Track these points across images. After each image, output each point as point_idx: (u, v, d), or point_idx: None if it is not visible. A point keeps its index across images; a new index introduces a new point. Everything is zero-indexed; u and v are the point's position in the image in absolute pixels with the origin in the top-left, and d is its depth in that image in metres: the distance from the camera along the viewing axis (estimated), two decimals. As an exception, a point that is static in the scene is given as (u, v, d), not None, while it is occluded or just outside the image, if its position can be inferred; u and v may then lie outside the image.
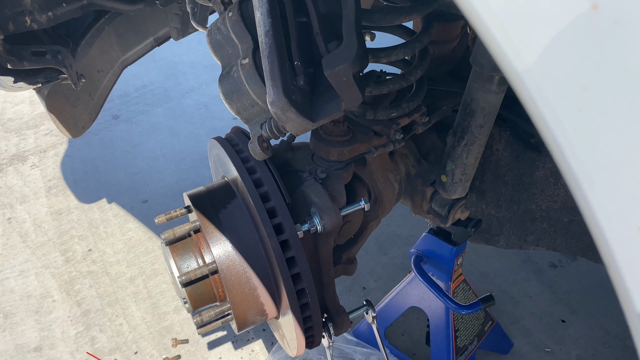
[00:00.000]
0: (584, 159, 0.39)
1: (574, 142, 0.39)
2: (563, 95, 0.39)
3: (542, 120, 0.40)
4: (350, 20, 1.05)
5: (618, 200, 0.39)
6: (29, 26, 1.71)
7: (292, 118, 1.07)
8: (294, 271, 1.30)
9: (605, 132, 0.39)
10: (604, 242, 0.39)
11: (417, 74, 1.45)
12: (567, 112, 0.39)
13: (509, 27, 0.39)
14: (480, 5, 0.40)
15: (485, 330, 2.11)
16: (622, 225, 0.38)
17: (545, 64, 0.39)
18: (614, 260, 0.39)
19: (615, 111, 0.38)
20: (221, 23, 1.22)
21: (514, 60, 0.40)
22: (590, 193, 0.39)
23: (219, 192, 1.45)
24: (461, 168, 1.53)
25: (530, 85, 0.40)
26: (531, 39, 0.40)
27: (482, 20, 0.41)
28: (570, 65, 0.39)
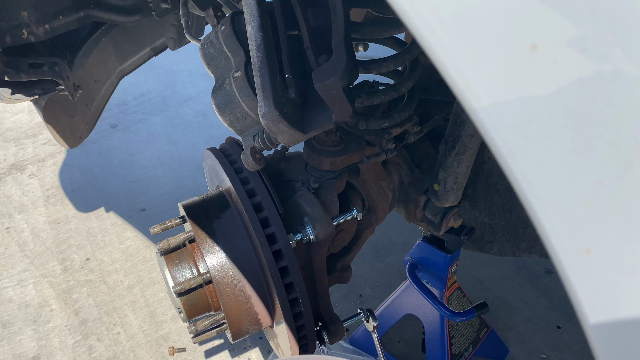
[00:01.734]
0: (534, 184, 0.41)
1: (524, 168, 0.41)
2: (511, 126, 0.41)
3: (495, 148, 0.42)
4: (340, 35, 1.07)
5: (568, 223, 0.40)
6: (26, 39, 1.73)
7: (284, 130, 1.09)
8: (287, 281, 1.31)
9: (551, 159, 0.41)
10: (558, 262, 0.41)
11: (408, 84, 1.47)
12: (516, 142, 0.41)
13: (461, 64, 0.41)
14: (435, 42, 0.42)
15: (481, 337, 2.12)
16: (572, 247, 0.40)
17: (494, 98, 0.41)
18: (567, 277, 0.41)
19: (559, 141, 0.40)
20: (214, 36, 1.24)
21: (466, 93, 0.42)
22: (543, 216, 0.41)
23: (213, 202, 1.47)
24: (453, 177, 1.55)
25: (481, 114, 0.41)
26: (481, 75, 0.42)
27: (439, 58, 0.43)
28: (516, 100, 0.40)
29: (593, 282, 0.40)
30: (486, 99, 0.41)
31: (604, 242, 0.39)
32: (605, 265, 0.39)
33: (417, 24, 0.42)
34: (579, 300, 0.41)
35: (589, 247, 0.40)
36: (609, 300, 0.40)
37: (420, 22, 0.41)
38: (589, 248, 0.40)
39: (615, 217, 0.39)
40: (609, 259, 0.39)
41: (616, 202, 0.38)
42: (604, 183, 0.38)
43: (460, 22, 0.41)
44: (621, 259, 0.39)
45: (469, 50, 0.40)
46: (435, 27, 0.41)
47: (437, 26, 0.41)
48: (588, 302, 0.40)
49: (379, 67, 1.38)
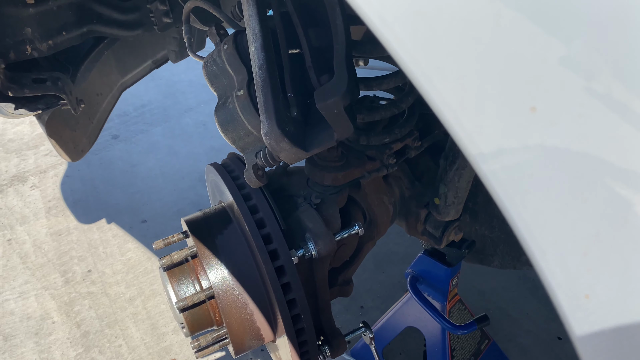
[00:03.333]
0: (535, 233, 0.42)
1: (526, 218, 0.42)
2: (513, 179, 0.42)
3: (498, 198, 0.43)
4: (341, 55, 1.09)
5: (567, 270, 0.42)
6: (29, 54, 1.75)
7: (286, 148, 1.10)
8: (289, 297, 1.32)
9: (551, 212, 0.42)
10: (559, 305, 0.42)
11: (409, 100, 1.48)
12: (517, 194, 0.43)
13: (463, 118, 0.43)
14: (441, 101, 0.43)
15: (482, 349, 2.13)
16: (571, 292, 0.41)
17: (496, 152, 0.42)
18: (567, 320, 0.42)
19: (557, 195, 0.41)
20: (217, 55, 1.26)
21: (469, 147, 0.43)
22: (543, 263, 0.42)
23: (216, 217, 1.47)
24: (453, 191, 1.56)
25: (484, 167, 0.43)
26: (482, 129, 0.43)
27: (444, 117, 0.45)
28: (517, 155, 0.42)
29: (591, 324, 0.41)
30: (489, 156, 0.42)
31: (601, 288, 0.41)
32: (602, 309, 0.41)
33: (422, 82, 0.44)
34: (578, 342, 0.42)
35: (587, 292, 0.41)
36: (605, 342, 0.41)
37: (426, 80, 0.43)
38: (587, 294, 0.41)
39: (612, 266, 0.40)
40: (606, 304, 0.41)
41: (612, 252, 0.40)
42: (600, 235, 0.40)
43: (463, 83, 0.42)
44: (618, 304, 0.40)
45: (472, 110, 0.42)
46: (439, 85, 0.42)
47: (441, 85, 0.42)
48: (586, 344, 0.42)
49: (380, 84, 1.40)
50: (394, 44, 0.45)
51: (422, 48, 0.44)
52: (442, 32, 0.43)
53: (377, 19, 0.46)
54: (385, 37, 0.46)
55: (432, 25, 0.43)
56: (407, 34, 0.45)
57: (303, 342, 1.40)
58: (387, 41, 0.46)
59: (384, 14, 0.45)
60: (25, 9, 1.62)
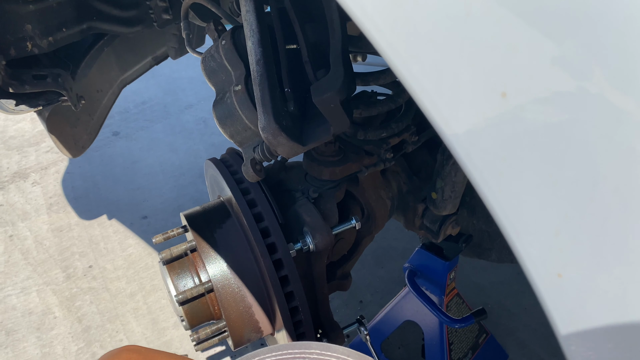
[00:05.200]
0: (510, 214, 0.44)
1: (500, 199, 0.44)
2: (487, 162, 0.44)
3: (474, 180, 0.45)
4: (337, 50, 1.10)
5: (540, 249, 0.43)
6: (30, 51, 1.76)
7: (283, 143, 1.12)
8: (287, 289, 1.34)
9: (523, 193, 0.44)
10: (534, 284, 0.44)
11: (406, 95, 1.50)
12: (492, 176, 0.44)
13: (440, 104, 0.44)
14: (418, 87, 0.45)
15: (480, 342, 2.14)
16: (545, 271, 0.43)
17: (471, 136, 0.44)
18: (542, 298, 0.44)
19: (529, 177, 0.43)
20: (215, 51, 1.27)
21: (445, 129, 0.45)
22: (518, 242, 0.44)
23: (214, 212, 1.49)
24: (450, 185, 1.57)
25: (460, 151, 0.44)
26: (458, 114, 0.44)
27: (420, 100, 0.46)
28: (490, 139, 0.43)
29: (564, 302, 0.43)
30: (465, 139, 0.44)
31: (573, 267, 0.42)
32: (575, 287, 0.42)
33: (402, 71, 0.46)
34: (552, 317, 0.44)
35: (560, 271, 0.43)
36: (578, 317, 0.43)
37: (405, 69, 0.44)
38: (560, 273, 0.43)
39: (582, 246, 0.42)
40: (578, 282, 0.42)
41: (582, 232, 0.41)
42: (569, 216, 0.41)
43: (439, 74, 0.44)
44: (588, 282, 0.42)
45: (448, 97, 0.43)
46: (416, 72, 0.44)
47: (421, 75, 0.44)
48: (560, 319, 0.43)
49: (377, 79, 1.41)
50: (376, 34, 0.47)
51: (400, 37, 0.46)
52: (419, 22, 0.44)
53: (359, 10, 0.48)
54: (367, 28, 0.48)
55: (410, 17, 0.44)
56: (386, 25, 0.46)
57: (301, 334, 1.42)
58: (369, 32, 0.48)
59: (365, 5, 0.47)
60: (25, 6, 1.63)
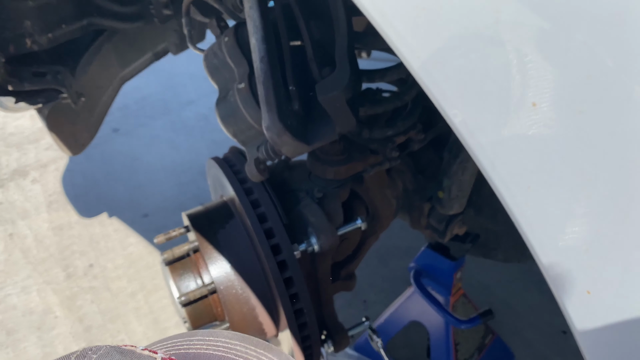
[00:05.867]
0: (536, 228, 0.41)
1: (527, 213, 0.41)
2: (514, 174, 0.41)
3: (499, 192, 0.42)
4: (343, 47, 1.07)
5: (569, 266, 0.40)
6: (29, 48, 1.73)
7: (287, 142, 1.09)
8: (292, 291, 1.31)
9: (552, 206, 0.41)
10: (561, 300, 0.41)
11: (412, 92, 1.46)
12: (519, 189, 0.42)
13: (465, 113, 0.41)
14: (448, 106, 0.42)
15: (486, 343, 2.12)
16: (573, 288, 0.40)
17: (497, 146, 0.41)
18: (569, 314, 0.41)
19: (559, 190, 0.41)
20: (217, 47, 1.24)
21: (469, 139, 0.42)
22: (544, 257, 0.41)
23: (217, 212, 1.46)
24: (457, 184, 1.54)
25: (484, 161, 0.42)
26: (484, 124, 0.42)
27: (442, 107, 0.44)
28: (518, 150, 0.41)
29: (592, 320, 0.40)
30: (490, 149, 0.41)
31: (603, 284, 0.40)
32: (604, 305, 0.40)
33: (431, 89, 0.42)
34: (579, 337, 0.41)
35: (589, 288, 0.40)
36: (606, 337, 0.41)
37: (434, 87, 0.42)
38: (589, 289, 0.40)
39: (614, 263, 0.39)
40: (608, 300, 0.40)
41: (614, 249, 0.39)
42: (601, 232, 0.39)
43: (465, 81, 0.41)
44: (619, 300, 0.40)
45: (474, 106, 0.41)
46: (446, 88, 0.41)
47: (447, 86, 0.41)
48: (587, 339, 0.41)
49: (383, 76, 1.38)
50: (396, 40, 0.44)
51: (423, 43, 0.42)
52: (443, 30, 0.42)
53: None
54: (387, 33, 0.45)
55: (436, 25, 0.42)
56: (407, 30, 0.44)
57: (306, 336, 1.39)
58: (387, 36, 0.46)
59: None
60: (24, 2, 1.60)
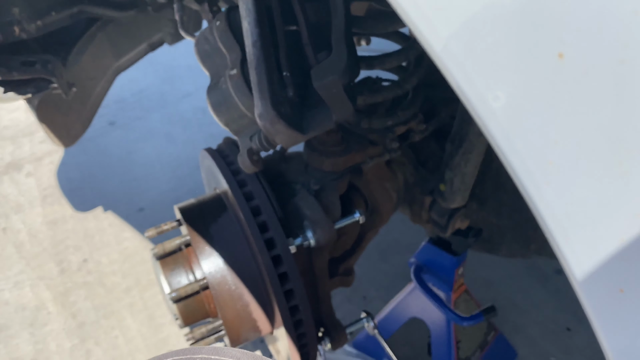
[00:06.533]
0: (560, 214, 0.34)
1: (547, 196, 0.34)
2: (533, 147, 0.34)
3: (515, 171, 0.36)
4: (340, 30, 1.01)
5: (599, 261, 0.34)
6: (17, 36, 1.68)
7: (281, 131, 1.03)
8: (287, 287, 1.26)
9: (579, 187, 0.34)
10: (586, 302, 0.35)
11: (413, 81, 1.41)
12: (538, 166, 0.35)
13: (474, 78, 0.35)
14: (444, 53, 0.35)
15: (489, 340, 2.06)
16: (603, 285, 0.34)
17: (513, 112, 0.34)
18: (595, 316, 0.35)
19: (589, 166, 0.33)
20: (209, 32, 1.18)
21: (479, 105, 0.35)
22: (569, 252, 0.34)
23: (210, 205, 1.41)
24: (460, 177, 1.48)
25: (496, 132, 0.35)
26: (496, 85, 0.35)
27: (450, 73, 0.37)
28: (539, 116, 0.34)
29: (625, 323, 0.34)
30: (504, 117, 0.34)
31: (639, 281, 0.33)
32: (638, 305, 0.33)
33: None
34: (609, 342, 0.35)
35: (622, 287, 0.33)
36: None
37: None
38: (622, 288, 0.33)
39: None
40: None
41: None
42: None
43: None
44: None
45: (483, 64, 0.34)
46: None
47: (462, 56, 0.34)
48: (618, 344, 0.35)
49: (382, 63, 1.32)
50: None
51: None
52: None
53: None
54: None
55: None
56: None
57: (301, 334, 1.34)
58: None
59: None
60: (11, -13, 1.55)
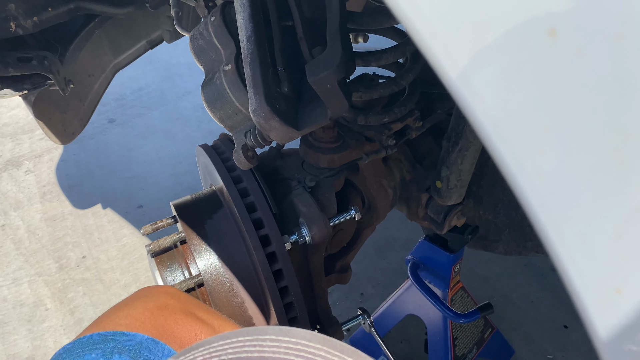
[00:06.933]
0: (549, 205, 0.33)
1: (539, 188, 0.33)
2: (523, 136, 0.33)
3: (503, 162, 0.35)
4: (335, 25, 1.00)
5: (595, 256, 0.33)
6: (14, 32, 1.67)
7: (276, 127, 1.03)
8: (282, 284, 1.25)
9: (572, 175, 0.33)
10: (579, 301, 0.35)
11: (410, 77, 1.40)
12: (526, 155, 0.34)
13: (462, 66, 0.34)
14: (422, 26, 0.35)
15: (485, 337, 2.06)
16: (599, 285, 0.33)
17: (501, 93, 0.33)
18: (590, 318, 0.34)
19: (583, 152, 0.33)
20: (204, 28, 1.18)
21: (461, 87, 0.35)
22: (561, 248, 0.34)
23: (205, 201, 1.41)
24: (456, 174, 1.48)
25: (483, 118, 0.34)
26: (480, 59, 0.34)
27: (420, 38, 0.36)
28: (531, 99, 0.33)
29: (622, 326, 0.33)
30: (492, 99, 0.33)
31: (637, 281, 0.32)
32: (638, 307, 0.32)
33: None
34: (603, 345, 0.34)
35: (620, 286, 0.32)
36: None
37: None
38: (619, 287, 0.32)
39: None
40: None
41: None
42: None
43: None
44: None
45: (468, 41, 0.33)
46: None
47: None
48: (615, 347, 0.34)
49: (378, 59, 1.31)
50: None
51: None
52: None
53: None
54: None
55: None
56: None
57: (297, 331, 1.34)
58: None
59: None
60: (7, -17, 1.54)
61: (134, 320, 0.75)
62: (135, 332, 0.72)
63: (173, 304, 0.83)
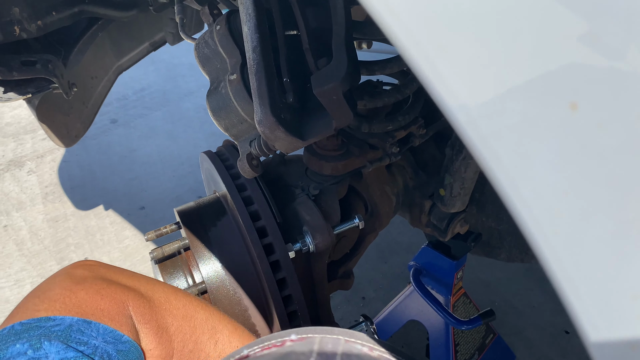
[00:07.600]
0: (569, 268, 0.34)
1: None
2: (541, 198, 0.34)
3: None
4: (340, 36, 1.01)
5: (610, 315, 0.33)
6: (18, 36, 1.67)
7: (281, 137, 1.03)
8: (285, 293, 1.26)
9: (589, 241, 0.34)
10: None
11: (414, 86, 1.40)
12: (546, 217, 0.35)
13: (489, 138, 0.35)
14: (451, 100, 0.35)
15: (487, 343, 2.06)
16: (615, 341, 0.33)
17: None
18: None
19: (597, 218, 0.33)
20: (209, 36, 1.18)
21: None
22: (576, 301, 0.34)
23: (209, 208, 1.41)
24: (460, 182, 1.48)
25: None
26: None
27: (458, 122, 0.37)
28: (548, 164, 0.34)
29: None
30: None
31: None
32: None
33: None
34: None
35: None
36: None
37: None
38: (634, 344, 0.33)
39: None
40: None
41: None
42: None
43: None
44: None
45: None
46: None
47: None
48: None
49: (383, 68, 1.31)
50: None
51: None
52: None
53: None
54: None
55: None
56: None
57: (300, 339, 1.34)
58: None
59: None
60: (11, -12, 1.54)
61: (53, 302, 0.69)
62: (59, 314, 0.67)
63: (92, 276, 0.77)
